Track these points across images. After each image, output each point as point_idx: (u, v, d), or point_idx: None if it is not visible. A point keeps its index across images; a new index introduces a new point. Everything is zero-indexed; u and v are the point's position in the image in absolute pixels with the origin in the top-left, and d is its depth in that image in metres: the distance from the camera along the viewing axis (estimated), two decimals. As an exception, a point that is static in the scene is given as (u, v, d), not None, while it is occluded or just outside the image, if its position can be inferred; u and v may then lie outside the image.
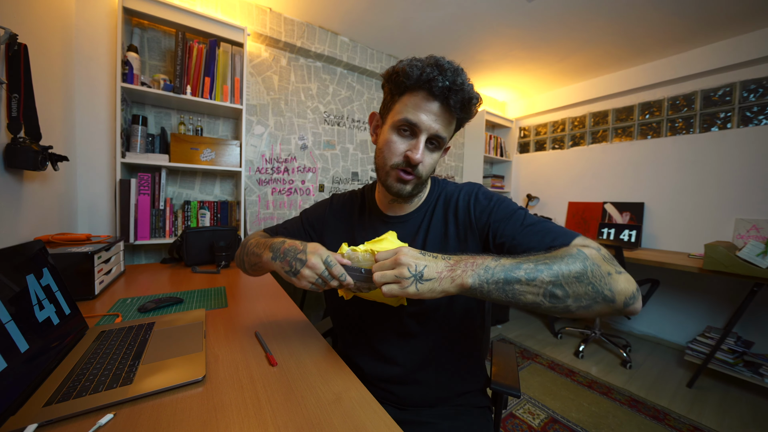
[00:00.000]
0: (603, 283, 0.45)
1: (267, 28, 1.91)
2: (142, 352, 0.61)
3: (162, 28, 1.64)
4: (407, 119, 0.58)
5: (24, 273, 0.59)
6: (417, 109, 0.58)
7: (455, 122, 0.61)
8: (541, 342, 2.40)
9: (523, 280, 0.45)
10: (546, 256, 0.48)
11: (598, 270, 0.46)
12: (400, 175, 0.61)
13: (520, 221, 0.59)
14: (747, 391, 1.82)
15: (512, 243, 0.57)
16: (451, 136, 0.64)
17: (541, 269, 0.46)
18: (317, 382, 0.55)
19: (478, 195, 0.67)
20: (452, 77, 0.55)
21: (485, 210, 0.63)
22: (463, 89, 0.56)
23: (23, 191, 0.98)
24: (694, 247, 2.25)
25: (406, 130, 0.60)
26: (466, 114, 0.60)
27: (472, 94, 0.57)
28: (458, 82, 0.55)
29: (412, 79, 0.56)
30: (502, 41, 2.23)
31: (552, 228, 0.57)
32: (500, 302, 0.47)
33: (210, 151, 1.64)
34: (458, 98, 0.56)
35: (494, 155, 3.26)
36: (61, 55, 1.29)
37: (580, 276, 0.45)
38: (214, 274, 1.28)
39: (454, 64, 0.57)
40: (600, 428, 1.47)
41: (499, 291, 0.46)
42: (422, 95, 0.57)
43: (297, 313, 0.88)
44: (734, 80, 2.14)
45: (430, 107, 0.57)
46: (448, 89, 0.55)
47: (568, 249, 0.49)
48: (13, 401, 0.44)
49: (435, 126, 0.58)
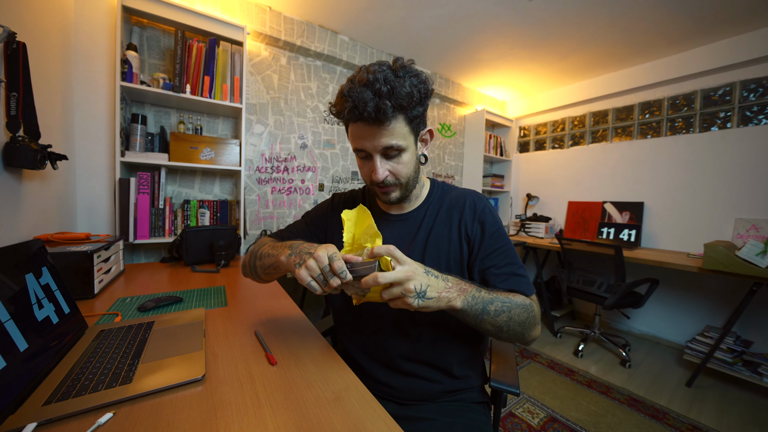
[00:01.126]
0: (529, 331, 0.62)
1: (267, 26, 1.91)
2: (141, 351, 0.61)
3: (161, 27, 1.64)
4: (355, 148, 0.65)
5: (23, 272, 0.59)
6: (356, 138, 0.62)
7: (404, 120, 0.60)
8: (540, 341, 2.40)
9: (491, 314, 0.58)
10: (511, 299, 0.60)
11: (532, 323, 0.62)
12: (381, 191, 0.67)
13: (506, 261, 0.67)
14: (746, 390, 1.82)
15: (490, 274, 0.67)
16: (414, 129, 0.64)
17: (505, 310, 0.59)
18: (317, 381, 0.55)
19: (486, 213, 0.70)
20: (355, 96, 0.55)
21: (490, 235, 0.68)
22: (366, 103, 0.55)
23: (22, 190, 0.98)
24: (693, 247, 2.25)
25: (363, 156, 0.65)
26: (406, 108, 0.59)
27: (396, 94, 0.55)
28: (359, 99, 0.55)
29: (341, 116, 0.61)
30: (502, 40, 2.23)
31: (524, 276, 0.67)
32: (464, 322, 0.59)
33: (209, 150, 1.64)
34: (369, 113, 0.56)
35: (494, 154, 3.26)
36: (60, 54, 1.28)
37: (523, 323, 0.60)
38: (213, 273, 1.28)
39: (364, 77, 0.56)
40: (599, 427, 1.48)
41: (472, 317, 0.57)
42: (353, 124, 0.61)
43: (297, 313, 0.88)
44: (734, 80, 2.14)
45: (361, 132, 0.60)
46: (364, 112, 0.56)
47: (525, 299, 0.63)
48: (12, 400, 0.44)
49: (380, 142, 0.60)
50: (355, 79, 0.58)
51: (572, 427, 1.47)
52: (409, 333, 0.69)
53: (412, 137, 0.64)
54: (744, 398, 1.75)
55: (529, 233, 3.01)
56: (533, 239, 2.84)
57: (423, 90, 0.60)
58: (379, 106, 0.55)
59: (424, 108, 0.63)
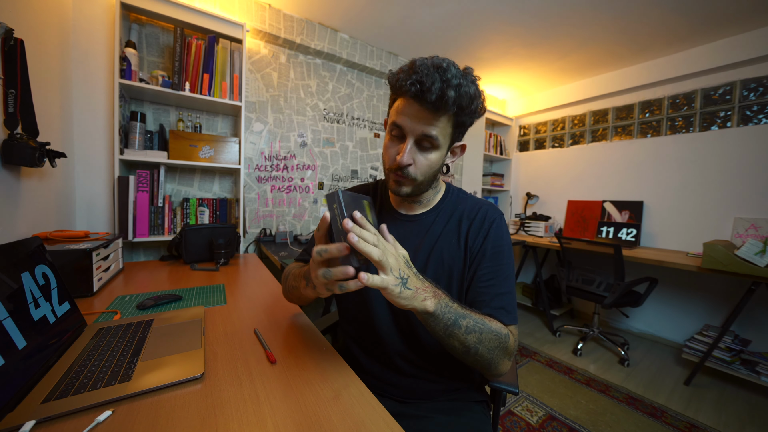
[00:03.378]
0: (497, 362, 0.58)
1: (266, 24, 1.90)
2: (140, 349, 0.61)
3: (160, 24, 1.63)
4: (394, 122, 0.62)
5: (21, 270, 0.58)
6: (401, 113, 0.60)
7: (451, 120, 0.60)
8: (539, 340, 2.41)
9: (462, 329, 0.54)
10: (486, 323, 0.56)
11: (503, 353, 0.58)
12: (396, 178, 0.65)
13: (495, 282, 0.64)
14: (743, 388, 1.83)
15: (473, 292, 0.64)
16: (454, 135, 0.64)
17: (476, 330, 0.55)
18: (316, 379, 0.55)
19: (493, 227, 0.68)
20: (422, 77, 0.54)
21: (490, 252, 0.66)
22: (432, 88, 0.54)
23: (21, 188, 0.98)
24: (692, 246, 2.26)
25: (396, 135, 0.63)
26: (461, 110, 0.58)
27: (448, 91, 0.55)
28: (427, 81, 0.54)
29: (394, 85, 0.60)
30: (503, 38, 2.23)
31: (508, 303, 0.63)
32: (434, 333, 0.55)
33: (209, 148, 1.63)
34: (431, 97, 0.54)
35: (494, 153, 3.26)
36: (59, 51, 1.28)
37: (492, 350, 0.56)
38: (213, 272, 1.28)
39: (435, 61, 0.56)
40: (597, 425, 1.48)
41: (442, 327, 0.53)
42: (406, 99, 0.59)
43: (296, 311, 0.88)
44: (734, 79, 2.14)
45: (410, 110, 0.59)
46: (427, 92, 0.54)
47: (502, 328, 0.59)
48: (10, 398, 0.44)
49: (419, 127, 0.59)
50: (427, 60, 0.57)
51: (571, 425, 1.48)
52: (409, 332, 0.69)
53: (448, 142, 0.64)
54: (742, 397, 1.76)
55: (529, 232, 3.01)
56: (533, 238, 2.84)
57: (481, 104, 0.61)
58: (444, 92, 0.54)
59: (472, 122, 0.63)
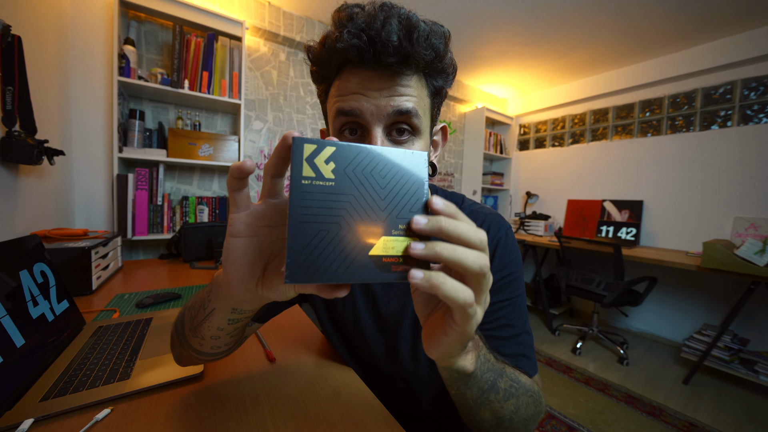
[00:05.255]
0: (532, 426, 0.42)
1: (266, 22, 1.89)
2: (139, 347, 0.61)
3: (159, 21, 1.62)
4: (341, 110, 0.39)
5: (20, 268, 0.58)
6: (348, 93, 0.39)
7: (424, 84, 0.41)
8: (539, 338, 2.41)
9: (500, 394, 0.37)
10: (520, 380, 0.41)
11: (536, 419, 0.43)
12: None
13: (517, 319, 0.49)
14: (742, 388, 1.84)
15: (491, 332, 0.48)
16: (432, 109, 0.44)
17: (514, 394, 0.39)
18: (315, 377, 0.55)
19: (499, 246, 0.51)
20: (368, 22, 0.35)
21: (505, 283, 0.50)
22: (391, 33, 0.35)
23: (19, 185, 0.98)
24: (692, 245, 2.26)
25: (352, 130, 0.41)
26: (434, 65, 0.39)
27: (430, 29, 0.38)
28: (381, 27, 0.35)
29: (325, 57, 0.39)
30: (503, 37, 2.22)
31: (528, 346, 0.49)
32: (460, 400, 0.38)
33: (208, 146, 1.63)
34: (392, 48, 0.35)
35: (494, 152, 3.26)
36: (57, 48, 1.27)
37: (527, 420, 0.41)
38: (212, 270, 1.28)
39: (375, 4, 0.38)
40: (596, 424, 1.49)
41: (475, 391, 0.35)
42: (345, 75, 0.39)
43: (295, 309, 0.88)
44: (735, 78, 2.13)
45: (361, 82, 0.38)
46: (371, 43, 0.35)
47: (534, 385, 0.43)
48: (9, 396, 0.44)
49: (383, 102, 0.37)
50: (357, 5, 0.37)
51: (570, 424, 1.48)
52: (406, 359, 0.62)
53: (429, 120, 0.43)
54: (740, 396, 1.77)
55: (529, 231, 3.01)
56: (532, 237, 2.84)
57: (450, 54, 0.41)
58: (410, 32, 0.35)
59: (448, 88, 0.44)
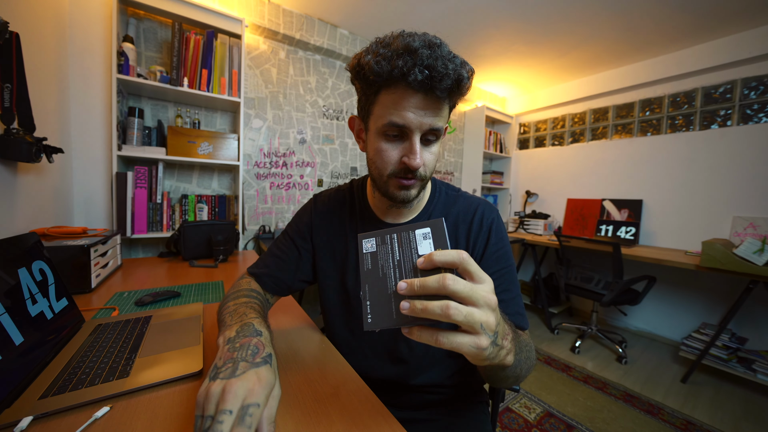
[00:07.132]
0: (525, 376, 0.52)
1: (265, 19, 1.89)
2: (139, 345, 0.60)
3: (158, 19, 1.61)
4: (393, 122, 0.50)
5: (18, 265, 0.58)
6: (400, 108, 0.49)
7: (448, 104, 0.52)
8: (538, 337, 2.42)
9: (520, 366, 0.47)
10: (524, 340, 0.50)
11: (534, 363, 0.54)
12: (401, 182, 0.54)
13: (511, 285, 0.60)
14: (740, 386, 1.84)
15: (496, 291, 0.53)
16: (447, 120, 0.57)
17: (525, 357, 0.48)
18: (315, 376, 0.55)
19: (493, 227, 0.62)
20: (431, 62, 0.44)
21: (492, 254, 0.61)
22: (448, 74, 0.45)
23: (17, 183, 0.97)
24: (691, 245, 2.26)
25: (395, 135, 0.52)
26: (459, 95, 0.51)
27: (462, 73, 0.47)
28: (439, 66, 0.45)
29: (383, 76, 0.47)
30: (503, 35, 2.21)
31: (521, 305, 0.60)
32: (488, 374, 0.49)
33: (208, 144, 1.62)
34: (445, 85, 0.46)
35: (494, 151, 3.26)
36: (55, 45, 1.26)
37: (529, 368, 0.51)
38: (211, 269, 1.28)
39: (429, 39, 0.47)
40: (595, 422, 1.49)
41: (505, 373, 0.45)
42: (400, 91, 0.48)
43: (295, 307, 0.88)
44: (735, 77, 2.13)
45: (414, 102, 0.48)
46: (430, 78, 0.45)
47: (529, 339, 0.55)
48: (7, 394, 0.44)
49: (426, 121, 0.49)
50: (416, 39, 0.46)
51: (568, 422, 1.49)
52: (404, 359, 0.65)
53: (443, 129, 0.55)
54: (738, 394, 1.77)
55: (528, 230, 3.02)
56: (532, 236, 2.84)
57: (469, 85, 0.51)
58: (461, 75, 0.46)
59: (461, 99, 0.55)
